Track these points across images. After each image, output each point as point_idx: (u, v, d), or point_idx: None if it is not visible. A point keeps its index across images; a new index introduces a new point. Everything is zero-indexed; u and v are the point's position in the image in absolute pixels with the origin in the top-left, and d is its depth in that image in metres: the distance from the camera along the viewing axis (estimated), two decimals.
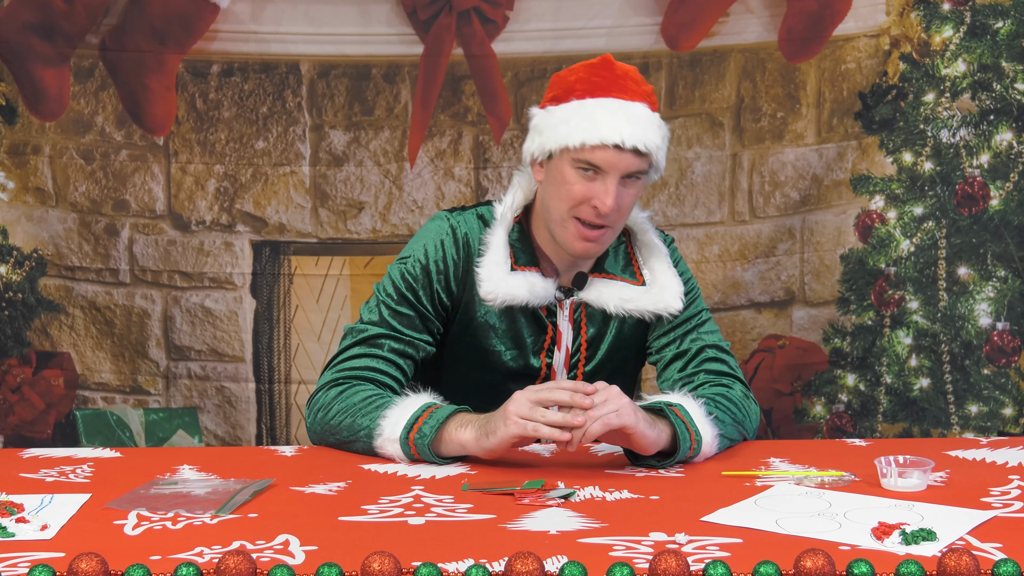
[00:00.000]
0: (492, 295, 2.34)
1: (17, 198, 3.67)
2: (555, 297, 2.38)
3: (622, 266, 2.42)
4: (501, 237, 2.36)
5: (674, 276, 2.41)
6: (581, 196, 2.26)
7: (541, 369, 2.41)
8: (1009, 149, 3.63)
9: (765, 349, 3.76)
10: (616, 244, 2.43)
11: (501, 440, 2.08)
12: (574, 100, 2.28)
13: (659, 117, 2.32)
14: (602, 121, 2.24)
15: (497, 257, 2.35)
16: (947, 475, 2.04)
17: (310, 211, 3.67)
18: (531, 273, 2.36)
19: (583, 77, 2.30)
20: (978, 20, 3.60)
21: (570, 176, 2.26)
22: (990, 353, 3.69)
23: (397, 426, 2.15)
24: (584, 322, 2.41)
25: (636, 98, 2.29)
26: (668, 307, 2.39)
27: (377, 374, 2.31)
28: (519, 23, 3.61)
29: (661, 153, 2.30)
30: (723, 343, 2.43)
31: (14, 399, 3.71)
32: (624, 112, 2.26)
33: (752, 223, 3.71)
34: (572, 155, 2.25)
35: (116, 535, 1.74)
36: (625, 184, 2.27)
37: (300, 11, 3.60)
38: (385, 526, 1.78)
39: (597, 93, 2.27)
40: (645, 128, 2.26)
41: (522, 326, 2.39)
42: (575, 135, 2.24)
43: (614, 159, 2.24)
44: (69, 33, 3.59)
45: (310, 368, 3.70)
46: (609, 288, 2.39)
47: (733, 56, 3.66)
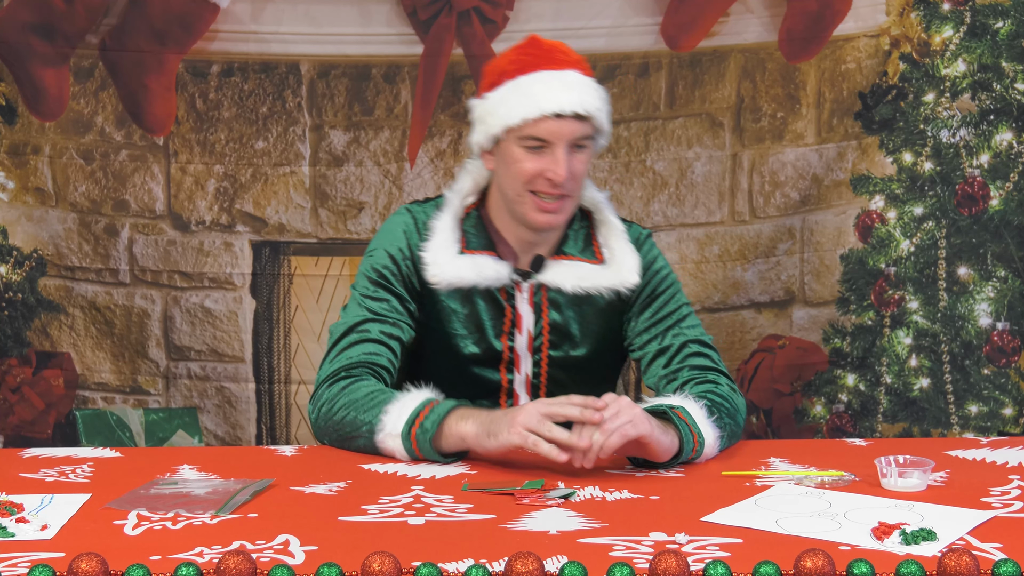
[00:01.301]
0: (437, 278, 2.37)
1: (17, 198, 3.67)
2: (511, 279, 2.39)
3: (582, 247, 2.43)
4: (447, 222, 2.40)
5: (632, 253, 2.43)
6: (533, 172, 2.29)
7: (504, 352, 2.41)
8: (1009, 149, 3.63)
9: (765, 349, 3.76)
10: (578, 227, 2.44)
11: (500, 445, 2.09)
12: (507, 81, 2.32)
13: (594, 81, 2.34)
14: (538, 94, 2.28)
15: (442, 241, 2.38)
16: (947, 475, 2.04)
17: (310, 211, 3.67)
18: (482, 256, 2.39)
19: (513, 59, 2.35)
20: (978, 20, 3.60)
21: (519, 155, 2.30)
22: (990, 353, 3.69)
23: (399, 421, 2.16)
24: (545, 305, 2.41)
25: (567, 66, 2.33)
26: (624, 282, 2.41)
27: (373, 356, 2.33)
28: (519, 23, 3.61)
29: (603, 115, 2.33)
30: (705, 337, 2.43)
31: (14, 399, 3.71)
32: (558, 80, 2.29)
33: (752, 223, 3.71)
34: (516, 134, 2.29)
35: (116, 535, 1.74)
36: (574, 152, 2.30)
37: (300, 11, 3.60)
38: (385, 526, 1.78)
39: (528, 69, 2.31)
40: (581, 92, 2.29)
41: (481, 310, 2.40)
42: (515, 113, 2.28)
43: (557, 128, 2.27)
44: (69, 33, 3.59)
45: (310, 368, 3.70)
46: (568, 269, 2.41)
47: (733, 56, 3.66)
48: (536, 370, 2.42)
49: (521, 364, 2.42)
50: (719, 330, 3.73)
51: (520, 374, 2.42)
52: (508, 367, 2.42)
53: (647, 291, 2.44)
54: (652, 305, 2.43)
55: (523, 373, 2.42)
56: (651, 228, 3.69)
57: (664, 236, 3.69)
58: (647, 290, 2.44)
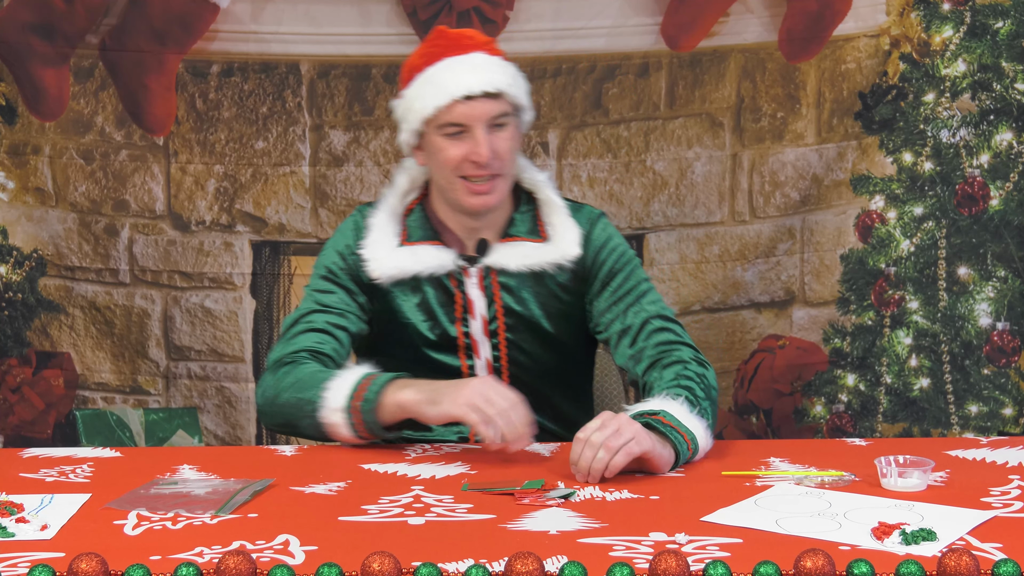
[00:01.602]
0: (377, 272, 2.41)
1: (17, 198, 3.67)
2: (456, 265, 2.41)
3: (528, 228, 2.45)
4: (383, 218, 2.44)
5: (572, 226, 2.44)
6: (457, 157, 2.33)
7: (459, 337, 2.43)
8: (1009, 149, 3.63)
9: (765, 349, 3.76)
10: (524, 209, 2.46)
11: (441, 415, 2.14)
12: (417, 75, 2.36)
13: (502, 59, 2.38)
14: (446, 80, 2.32)
15: (379, 237, 2.43)
16: (947, 475, 2.04)
17: (310, 211, 3.67)
18: (423, 246, 2.42)
19: (421, 53, 2.40)
20: (978, 20, 3.60)
21: (441, 144, 2.34)
22: (990, 353, 3.69)
23: (340, 395, 2.21)
24: (497, 289, 2.42)
25: (472, 50, 2.37)
26: (565, 255, 2.42)
27: (317, 345, 2.36)
28: (519, 23, 3.61)
29: (516, 91, 2.36)
30: (667, 311, 2.44)
31: (14, 399, 3.71)
32: (462, 64, 2.34)
33: (752, 223, 3.71)
34: (434, 124, 2.33)
35: (116, 535, 1.74)
36: (494, 131, 2.33)
37: (300, 11, 3.60)
38: (385, 526, 1.78)
39: (435, 60, 2.36)
40: (487, 71, 2.33)
41: (430, 297, 2.42)
42: (427, 104, 2.32)
43: (469, 110, 2.31)
44: (69, 33, 3.59)
45: None
46: (513, 250, 2.43)
47: (733, 56, 3.66)
48: (496, 354, 2.44)
49: (480, 349, 2.43)
50: (719, 330, 3.73)
51: (480, 359, 2.44)
52: (467, 353, 2.43)
53: (605, 270, 2.44)
54: (611, 283, 2.44)
55: (483, 358, 2.44)
56: (651, 228, 3.71)
57: (664, 236, 3.70)
58: (604, 269, 2.44)
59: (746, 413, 3.77)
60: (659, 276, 3.71)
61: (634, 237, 3.70)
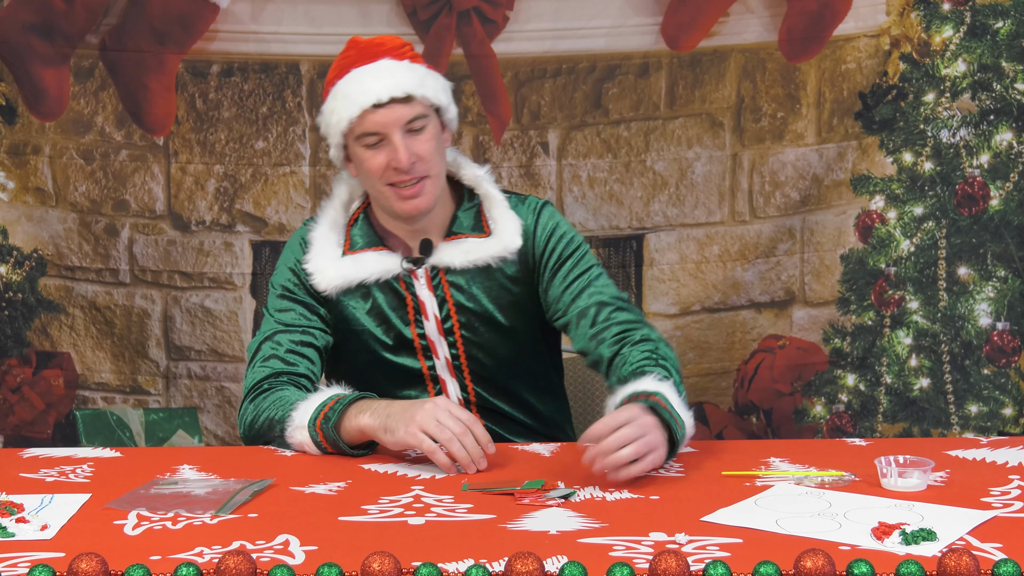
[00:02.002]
0: (323, 285, 2.41)
1: (17, 198, 3.67)
2: (403, 268, 2.40)
3: (472, 225, 2.45)
4: (323, 231, 2.44)
5: (512, 218, 2.43)
6: (380, 166, 2.33)
7: (415, 340, 2.43)
8: (1009, 149, 3.63)
9: (765, 349, 3.76)
10: (467, 206, 2.46)
11: (398, 442, 2.12)
12: (331, 90, 2.38)
13: (409, 62, 2.37)
14: (352, 92, 2.32)
15: (321, 248, 2.43)
16: (947, 475, 2.04)
17: (310, 211, 3.67)
18: (366, 253, 2.42)
19: (334, 66, 2.41)
20: (978, 20, 3.60)
21: (363, 154, 2.34)
22: (990, 353, 3.69)
23: (306, 414, 2.22)
24: (447, 288, 2.42)
25: (378, 57, 2.36)
26: (507, 247, 2.42)
27: (290, 368, 2.37)
28: (519, 23, 3.61)
29: (427, 91, 2.35)
30: (622, 295, 2.44)
31: (14, 399, 3.71)
32: (367, 74, 2.33)
33: (752, 223, 3.71)
34: (352, 137, 2.34)
35: (116, 535, 1.74)
36: (412, 135, 2.32)
37: (300, 11, 3.60)
38: (385, 526, 1.78)
39: (344, 72, 2.37)
40: (391, 76, 2.33)
41: (381, 303, 2.42)
42: (342, 117, 2.33)
43: (381, 118, 2.31)
44: (69, 33, 3.59)
45: None
46: (457, 247, 2.42)
47: (733, 56, 3.66)
48: (454, 352, 2.43)
49: (438, 349, 2.43)
50: (719, 330, 3.73)
51: (439, 359, 2.43)
52: (425, 354, 2.43)
53: (554, 257, 2.44)
54: (562, 269, 2.43)
55: (442, 358, 2.43)
56: (651, 228, 3.71)
57: (664, 236, 3.70)
58: (554, 256, 2.44)
59: (746, 413, 3.77)
60: (659, 276, 3.71)
61: (634, 237, 3.70)
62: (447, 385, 2.44)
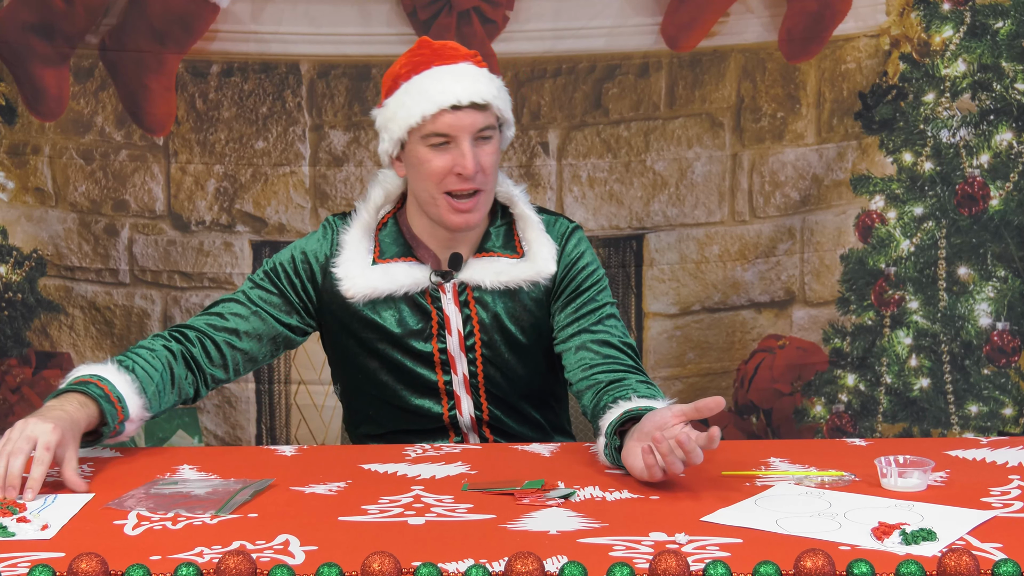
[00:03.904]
0: (351, 292, 2.38)
1: (17, 198, 3.67)
2: (431, 281, 2.37)
3: (503, 243, 2.42)
4: (356, 235, 2.40)
5: (548, 243, 2.40)
6: (442, 169, 2.29)
7: (435, 354, 2.40)
8: (1009, 149, 3.63)
9: (765, 349, 3.76)
10: (499, 224, 2.43)
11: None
12: (403, 84, 2.32)
13: (488, 71, 2.35)
14: (433, 89, 2.28)
15: (353, 254, 2.39)
16: (947, 475, 2.04)
17: (310, 211, 3.67)
18: (397, 263, 2.38)
19: (405, 62, 2.35)
20: (978, 20, 3.60)
21: (425, 155, 2.29)
22: (990, 353, 3.69)
23: (65, 380, 2.17)
24: (472, 304, 2.39)
25: (458, 60, 2.33)
26: (541, 272, 2.39)
27: (192, 331, 2.35)
28: (519, 23, 3.61)
29: (502, 103, 2.33)
30: (627, 338, 2.39)
31: (14, 399, 3.71)
32: (450, 74, 2.30)
33: (752, 223, 3.71)
34: (419, 134, 2.29)
35: (116, 535, 1.75)
36: (480, 144, 2.29)
37: (300, 11, 3.60)
38: (385, 526, 1.78)
39: (420, 69, 2.32)
40: (474, 81, 2.29)
41: (407, 316, 2.39)
42: (414, 112, 2.28)
43: (457, 120, 2.27)
44: (69, 33, 3.59)
45: (310, 368, 3.70)
46: (488, 265, 2.39)
47: (733, 56, 3.66)
48: (472, 369, 2.41)
49: (457, 365, 2.41)
50: (719, 330, 3.73)
51: (457, 375, 2.41)
52: (444, 368, 2.41)
53: (572, 286, 2.41)
54: (576, 301, 2.40)
55: (460, 374, 2.41)
56: (651, 228, 3.71)
57: (664, 236, 3.70)
58: (572, 285, 2.41)
59: (746, 413, 3.77)
60: (659, 276, 3.71)
61: (634, 237, 3.70)
62: (461, 401, 2.42)
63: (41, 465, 1.95)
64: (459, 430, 2.43)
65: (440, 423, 2.43)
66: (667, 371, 3.74)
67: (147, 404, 2.21)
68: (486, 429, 2.43)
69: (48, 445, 1.97)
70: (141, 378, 2.21)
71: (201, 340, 2.36)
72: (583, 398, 2.31)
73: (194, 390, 2.35)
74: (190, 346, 2.34)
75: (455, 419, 2.42)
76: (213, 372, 2.37)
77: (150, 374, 2.24)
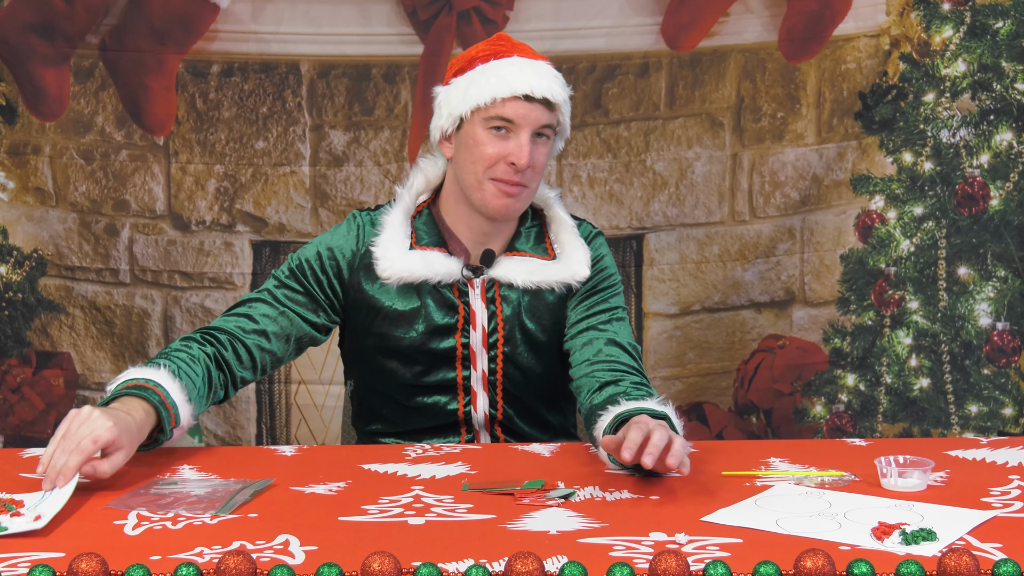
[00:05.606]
0: (387, 272, 2.37)
1: (17, 198, 3.67)
2: (463, 275, 2.38)
3: (533, 244, 2.43)
4: (398, 217, 2.40)
5: (581, 246, 2.42)
6: (495, 155, 2.29)
7: (457, 349, 2.41)
8: (1009, 149, 3.63)
9: (765, 349, 3.76)
10: (530, 225, 2.44)
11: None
12: (479, 65, 2.33)
13: (561, 77, 2.37)
14: (510, 75, 2.29)
15: (393, 236, 2.38)
16: (947, 475, 2.04)
17: (310, 211, 3.67)
18: (432, 252, 2.38)
19: (484, 48, 2.36)
20: (978, 20, 3.60)
21: (483, 137, 2.30)
22: (990, 353, 3.69)
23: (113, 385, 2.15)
24: (499, 301, 2.40)
25: (537, 58, 2.36)
26: (575, 275, 2.41)
27: (223, 334, 2.34)
28: (519, 23, 3.61)
29: (566, 109, 2.35)
30: (635, 343, 2.41)
31: (14, 399, 3.71)
32: (530, 66, 2.31)
33: (752, 223, 3.71)
34: (483, 114, 2.29)
35: (116, 535, 1.74)
36: (536, 142, 2.30)
37: (300, 11, 3.60)
38: (385, 526, 1.78)
39: (502, 55, 2.33)
40: (551, 81, 2.32)
41: (431, 310, 2.39)
42: (485, 92, 2.28)
43: (525, 111, 2.28)
44: (69, 33, 3.59)
45: (310, 368, 3.70)
46: (519, 264, 2.40)
47: (733, 56, 3.66)
48: (492, 366, 2.42)
49: (477, 361, 2.41)
50: (719, 330, 3.73)
51: (477, 371, 2.42)
52: (464, 364, 2.41)
53: (588, 285, 2.43)
54: (589, 300, 2.42)
55: (479, 370, 2.42)
56: (651, 228, 3.71)
57: (664, 236, 3.70)
58: (588, 284, 2.43)
59: (746, 413, 3.77)
60: (659, 276, 3.71)
61: (634, 237, 3.70)
62: (477, 398, 2.43)
63: (80, 455, 1.91)
64: (471, 427, 2.44)
65: (453, 418, 2.43)
66: (667, 371, 3.74)
67: (193, 411, 2.21)
68: (498, 428, 2.44)
69: (97, 439, 1.94)
70: (187, 385, 2.21)
71: (232, 343, 2.35)
72: (580, 394, 2.34)
73: (224, 391, 2.36)
74: (222, 349, 2.34)
75: (469, 415, 2.43)
76: (243, 374, 2.37)
77: (194, 380, 2.23)
